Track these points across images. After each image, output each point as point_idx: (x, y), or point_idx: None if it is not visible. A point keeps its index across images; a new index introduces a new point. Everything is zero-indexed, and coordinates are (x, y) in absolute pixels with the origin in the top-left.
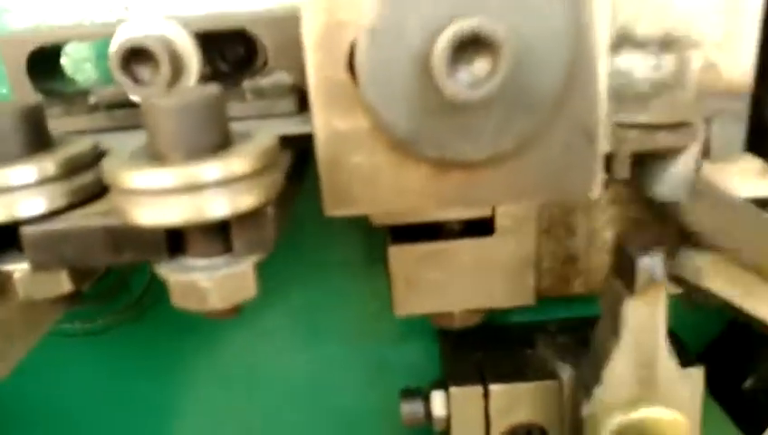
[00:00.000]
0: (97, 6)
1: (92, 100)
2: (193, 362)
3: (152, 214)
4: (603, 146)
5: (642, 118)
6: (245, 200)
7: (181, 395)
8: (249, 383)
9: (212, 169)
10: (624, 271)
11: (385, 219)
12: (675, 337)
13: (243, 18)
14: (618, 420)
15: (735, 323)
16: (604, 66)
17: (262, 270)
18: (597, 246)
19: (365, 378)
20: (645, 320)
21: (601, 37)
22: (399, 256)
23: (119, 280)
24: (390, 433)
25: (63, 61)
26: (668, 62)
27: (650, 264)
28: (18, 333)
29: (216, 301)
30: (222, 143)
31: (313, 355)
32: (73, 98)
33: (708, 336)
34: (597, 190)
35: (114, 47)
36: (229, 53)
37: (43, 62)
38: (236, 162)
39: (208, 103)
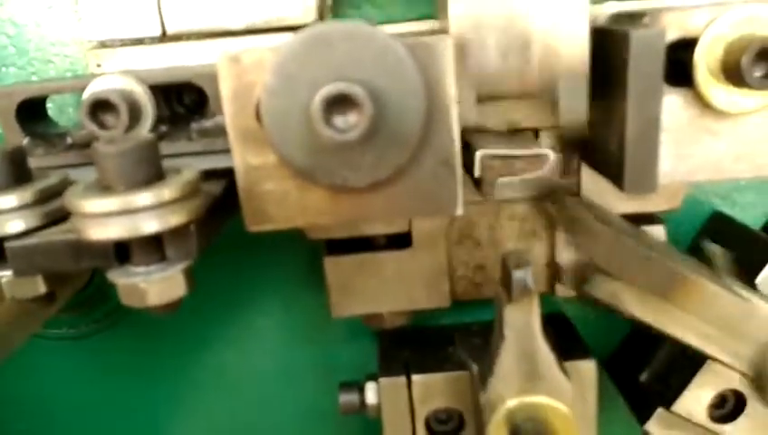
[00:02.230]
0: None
1: (69, 140)
2: (165, 363)
3: (99, 231)
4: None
5: (503, 151)
6: (171, 220)
7: (154, 393)
8: (216, 384)
9: (144, 197)
10: (505, 282)
11: (321, 234)
12: (574, 335)
13: (190, 72)
14: (507, 406)
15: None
16: (455, 111)
17: (229, 286)
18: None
19: (317, 376)
20: (522, 323)
21: (450, 89)
22: (334, 265)
23: (98, 291)
24: (339, 425)
25: (49, 106)
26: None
27: (522, 276)
28: (4, 333)
29: (153, 299)
30: (155, 177)
31: (273, 358)
32: (55, 138)
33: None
34: (460, 209)
35: (84, 99)
36: (186, 97)
37: (32, 109)
38: (165, 192)
39: (142, 148)
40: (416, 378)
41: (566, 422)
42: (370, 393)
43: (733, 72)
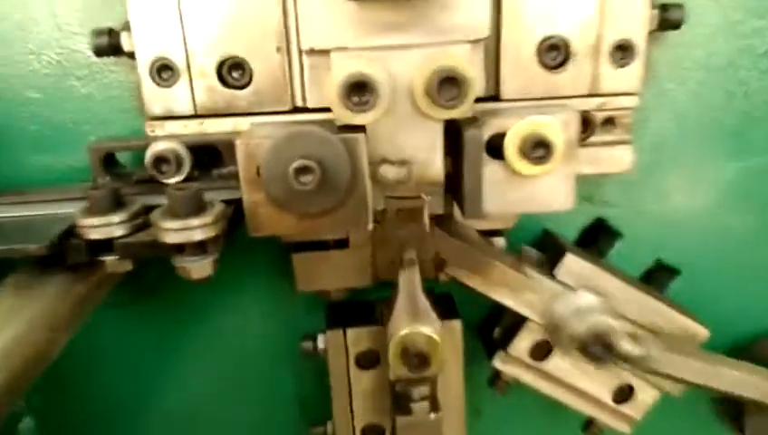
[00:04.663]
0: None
1: (134, 178)
2: (180, 324)
3: (170, 238)
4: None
5: (398, 193)
6: (208, 234)
7: (178, 347)
8: (216, 337)
9: (195, 221)
10: (401, 263)
11: (291, 239)
12: (452, 306)
13: (212, 139)
14: (399, 334)
15: None
16: (367, 172)
17: (230, 273)
18: None
19: (286, 332)
20: (408, 283)
21: (364, 161)
22: (299, 259)
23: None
24: (301, 367)
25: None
26: None
27: (410, 255)
28: (92, 301)
29: (195, 275)
30: (200, 209)
31: (257, 322)
32: (123, 176)
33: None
34: (370, 226)
35: (147, 155)
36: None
37: (108, 157)
38: (206, 219)
39: (195, 193)
40: (349, 331)
41: (436, 346)
42: (320, 341)
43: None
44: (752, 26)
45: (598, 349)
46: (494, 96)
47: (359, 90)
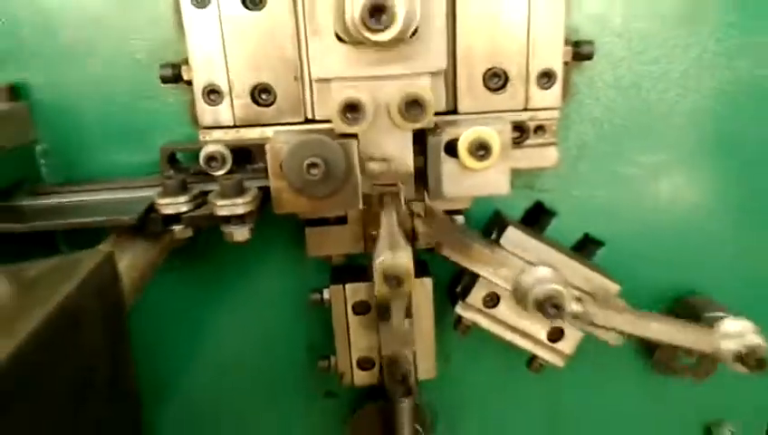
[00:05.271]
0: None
1: (191, 171)
2: (225, 286)
3: (221, 211)
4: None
5: (381, 182)
6: (248, 208)
7: (219, 300)
8: (249, 294)
9: (239, 200)
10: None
11: (304, 216)
12: (425, 267)
13: (247, 142)
14: (380, 260)
15: None
16: (358, 167)
17: (257, 245)
18: None
19: (300, 289)
20: (388, 223)
21: (356, 159)
22: (310, 231)
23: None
24: (310, 315)
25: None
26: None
27: (390, 208)
28: (159, 261)
29: (237, 238)
30: (241, 191)
31: (277, 281)
32: (182, 171)
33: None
34: (360, 205)
35: (201, 155)
36: (245, 155)
37: (172, 155)
38: (246, 198)
39: (239, 181)
40: (348, 286)
41: (409, 269)
42: (326, 294)
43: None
44: (651, 55)
45: (553, 310)
46: (453, 110)
47: (352, 109)
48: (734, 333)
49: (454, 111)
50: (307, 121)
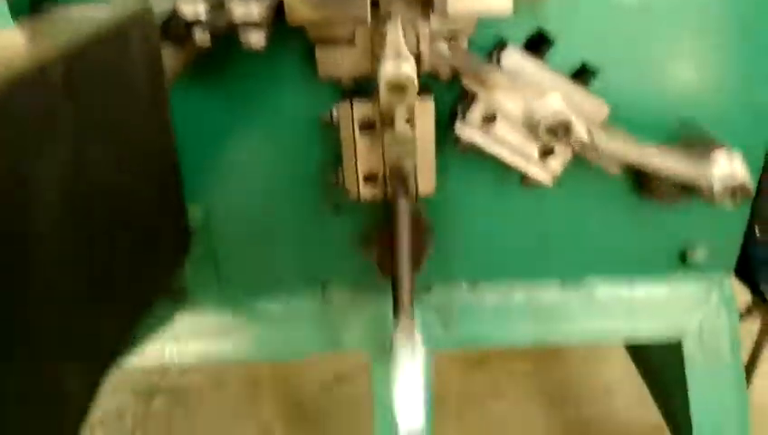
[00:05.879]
0: None
1: None
2: (242, 101)
3: (237, 13)
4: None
5: None
6: (264, 14)
7: (237, 112)
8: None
9: (254, 5)
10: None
11: (315, 34)
12: (428, 91)
13: None
14: (386, 72)
15: None
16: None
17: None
18: None
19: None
20: (395, 41)
21: None
22: (321, 51)
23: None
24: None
25: None
26: None
27: (395, 30)
28: (177, 74)
29: (252, 41)
30: None
31: (293, 100)
32: None
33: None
34: (369, 19)
35: None
36: None
37: None
38: (263, 4)
39: None
40: (355, 103)
41: (411, 80)
42: (334, 111)
43: None
44: None
45: (564, 136)
46: None
47: None
48: (726, 168)
49: None
50: None
